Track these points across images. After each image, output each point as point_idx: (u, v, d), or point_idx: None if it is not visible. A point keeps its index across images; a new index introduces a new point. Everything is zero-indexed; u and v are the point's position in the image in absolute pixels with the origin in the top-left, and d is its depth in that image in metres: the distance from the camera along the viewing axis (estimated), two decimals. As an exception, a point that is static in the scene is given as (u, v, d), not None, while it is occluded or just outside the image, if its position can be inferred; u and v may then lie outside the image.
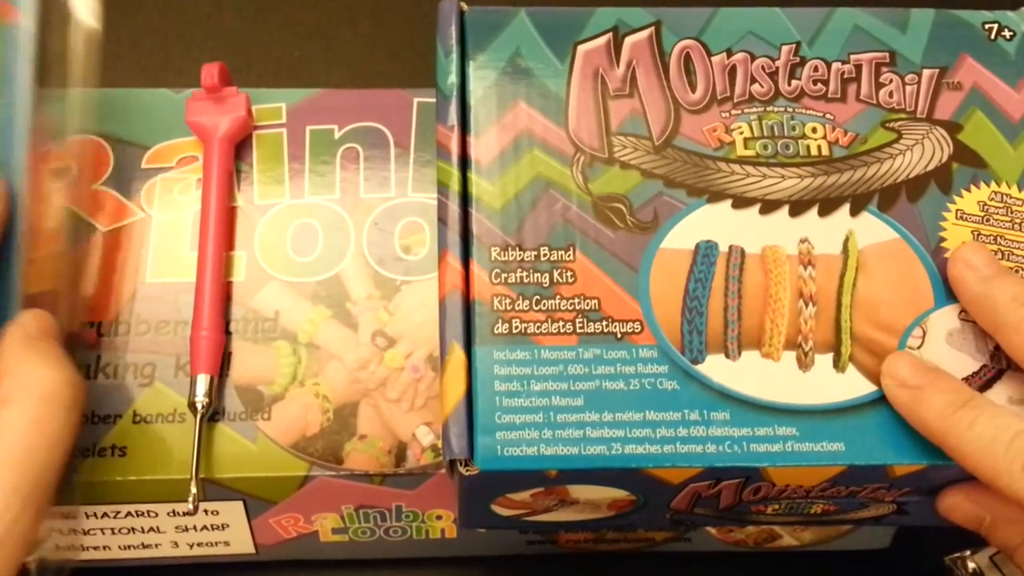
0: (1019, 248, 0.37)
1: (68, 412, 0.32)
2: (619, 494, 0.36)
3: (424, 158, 0.46)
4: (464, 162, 0.38)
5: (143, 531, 0.42)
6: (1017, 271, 0.37)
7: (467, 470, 0.34)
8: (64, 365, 0.33)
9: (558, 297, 0.36)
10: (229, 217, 0.44)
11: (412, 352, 0.42)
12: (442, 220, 0.37)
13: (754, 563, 0.49)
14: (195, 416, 0.39)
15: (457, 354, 0.35)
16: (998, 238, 0.38)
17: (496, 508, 0.37)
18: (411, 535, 0.45)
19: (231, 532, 0.43)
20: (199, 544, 0.44)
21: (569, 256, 0.36)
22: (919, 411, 0.34)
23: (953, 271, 0.36)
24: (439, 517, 0.44)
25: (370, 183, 0.45)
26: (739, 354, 0.35)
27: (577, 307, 0.36)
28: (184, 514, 0.42)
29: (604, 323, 0.35)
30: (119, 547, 0.43)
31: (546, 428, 0.34)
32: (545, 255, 0.36)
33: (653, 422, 0.34)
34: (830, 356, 0.36)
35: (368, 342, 0.42)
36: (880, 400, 0.35)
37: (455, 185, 0.37)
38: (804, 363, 0.36)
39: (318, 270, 0.43)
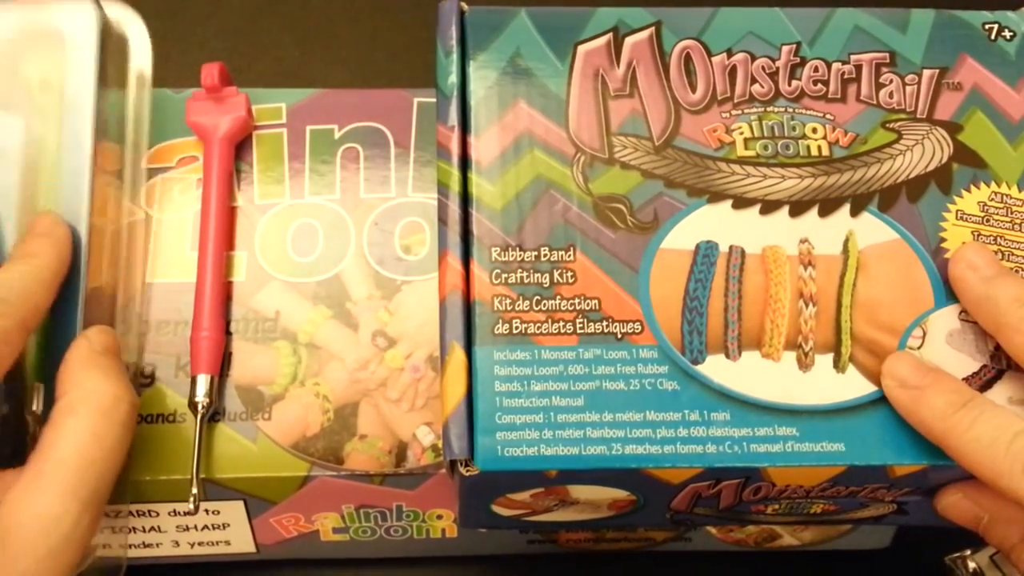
0: (1019, 248, 0.37)
1: (123, 428, 0.34)
2: (619, 494, 0.36)
3: (424, 158, 0.46)
4: (464, 162, 0.38)
5: (144, 531, 0.42)
6: (1018, 271, 0.37)
7: (467, 470, 0.34)
8: (123, 382, 0.35)
9: (558, 297, 0.36)
10: (229, 217, 0.44)
11: (412, 352, 0.42)
12: (442, 220, 0.37)
13: (754, 563, 0.49)
14: (195, 416, 0.39)
15: (457, 354, 0.35)
16: (998, 238, 0.38)
17: (496, 508, 0.37)
18: (412, 535, 0.45)
19: (232, 532, 0.43)
20: (200, 543, 0.44)
21: (569, 256, 0.36)
22: (919, 411, 0.34)
23: (955, 271, 0.36)
24: (439, 517, 0.44)
25: (370, 183, 0.45)
26: (739, 354, 0.35)
27: (577, 307, 0.36)
28: (185, 514, 0.42)
29: (604, 323, 0.35)
30: (119, 547, 0.43)
31: (546, 428, 0.34)
32: (545, 255, 0.36)
33: (653, 422, 0.34)
34: (830, 356, 0.36)
35: (368, 342, 0.42)
36: (880, 400, 0.35)
37: (455, 185, 0.37)
38: (804, 363, 0.36)
39: (318, 270, 0.43)
